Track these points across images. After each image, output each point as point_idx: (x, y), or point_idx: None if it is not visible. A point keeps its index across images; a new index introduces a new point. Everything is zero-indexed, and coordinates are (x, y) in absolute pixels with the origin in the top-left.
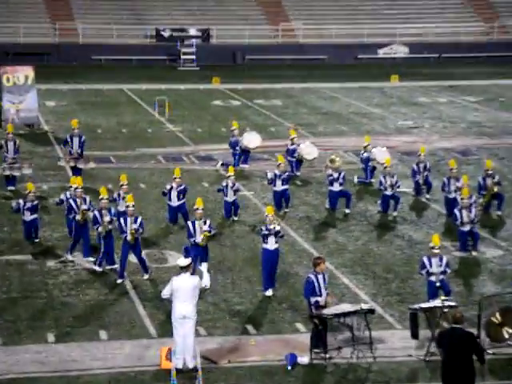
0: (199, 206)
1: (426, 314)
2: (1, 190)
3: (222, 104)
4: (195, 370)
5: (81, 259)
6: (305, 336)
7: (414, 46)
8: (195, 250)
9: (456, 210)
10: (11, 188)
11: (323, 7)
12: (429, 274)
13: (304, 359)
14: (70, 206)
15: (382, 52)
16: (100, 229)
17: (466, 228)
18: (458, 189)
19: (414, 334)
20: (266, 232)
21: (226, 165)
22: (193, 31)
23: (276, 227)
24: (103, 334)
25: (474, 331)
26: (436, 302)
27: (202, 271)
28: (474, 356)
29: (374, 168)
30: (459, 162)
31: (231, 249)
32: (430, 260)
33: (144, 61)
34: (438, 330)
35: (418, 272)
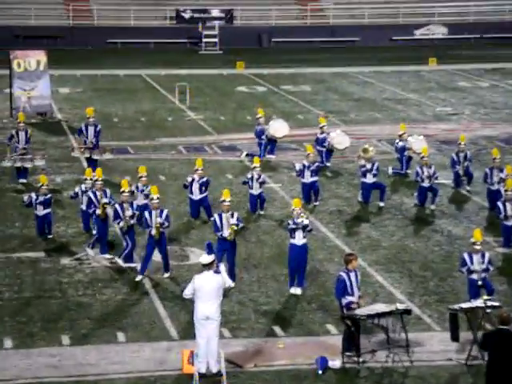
0: (226, 197)
1: (466, 315)
2: (12, 182)
3: (246, 90)
4: (219, 374)
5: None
6: (336, 338)
7: (453, 27)
8: (222, 245)
9: (499, 203)
10: (23, 181)
11: None
12: (470, 271)
13: (335, 363)
14: (89, 199)
15: (418, 33)
16: (121, 224)
17: (510, 222)
18: (502, 180)
19: (455, 337)
20: (293, 226)
21: (251, 155)
22: (215, 12)
23: (304, 221)
24: (121, 336)
25: None
26: (478, 302)
27: (220, 272)
28: None
29: (410, 158)
30: (502, 151)
31: (257, 245)
32: (471, 257)
33: (163, 44)
34: (481, 331)
35: (458, 269)
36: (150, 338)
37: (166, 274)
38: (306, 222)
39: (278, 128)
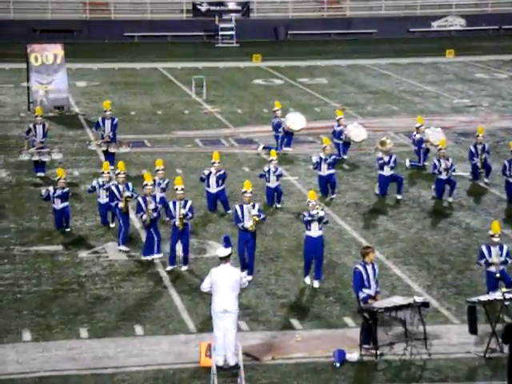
0: (247, 188)
1: (485, 308)
2: (30, 176)
3: (263, 83)
4: (237, 367)
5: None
6: (354, 331)
7: (470, 18)
8: (243, 236)
9: None
10: (40, 174)
11: None
12: (488, 264)
13: (353, 356)
14: (111, 192)
15: (436, 25)
16: (144, 217)
17: None
18: None
19: (473, 329)
20: (308, 218)
21: (267, 148)
22: (232, 5)
23: (319, 212)
24: (139, 329)
25: None
26: (496, 295)
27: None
28: None
29: (427, 150)
30: None
31: (274, 238)
32: (489, 249)
33: (180, 37)
34: (499, 324)
35: (477, 262)
36: (168, 331)
37: (184, 267)
38: (322, 213)
39: (295, 121)
